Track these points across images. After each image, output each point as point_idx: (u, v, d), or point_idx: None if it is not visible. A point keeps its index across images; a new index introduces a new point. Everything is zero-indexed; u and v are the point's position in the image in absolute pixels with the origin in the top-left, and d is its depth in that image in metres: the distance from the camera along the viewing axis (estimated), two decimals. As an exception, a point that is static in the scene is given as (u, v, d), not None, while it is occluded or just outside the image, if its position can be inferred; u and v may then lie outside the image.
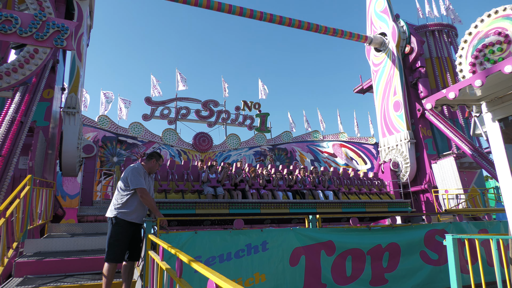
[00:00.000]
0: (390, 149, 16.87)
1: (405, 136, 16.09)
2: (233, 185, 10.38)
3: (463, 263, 6.03)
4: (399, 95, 16.51)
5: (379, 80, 18.04)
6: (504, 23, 4.72)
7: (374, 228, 8.02)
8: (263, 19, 15.03)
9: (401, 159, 16.00)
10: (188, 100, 21.91)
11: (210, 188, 9.89)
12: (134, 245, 4.23)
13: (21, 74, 7.29)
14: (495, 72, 3.88)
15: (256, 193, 10.45)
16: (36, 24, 7.48)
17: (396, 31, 16.61)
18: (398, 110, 16.54)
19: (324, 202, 10.79)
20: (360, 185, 12.59)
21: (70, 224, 8.30)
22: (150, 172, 4.58)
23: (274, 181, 10.99)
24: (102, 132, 18.91)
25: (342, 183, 12.24)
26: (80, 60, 11.35)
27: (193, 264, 2.35)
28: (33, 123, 8.20)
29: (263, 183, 10.86)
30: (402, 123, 16.31)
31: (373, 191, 12.56)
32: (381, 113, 17.73)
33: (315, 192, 11.27)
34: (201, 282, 5.60)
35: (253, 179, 10.83)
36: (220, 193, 9.88)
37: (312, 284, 6.91)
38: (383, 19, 17.59)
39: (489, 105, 4.77)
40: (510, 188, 4.51)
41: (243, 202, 9.84)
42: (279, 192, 10.76)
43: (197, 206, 9.35)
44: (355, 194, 12.12)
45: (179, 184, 9.98)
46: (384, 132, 17.52)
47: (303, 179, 11.54)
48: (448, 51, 17.97)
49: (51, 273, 4.89)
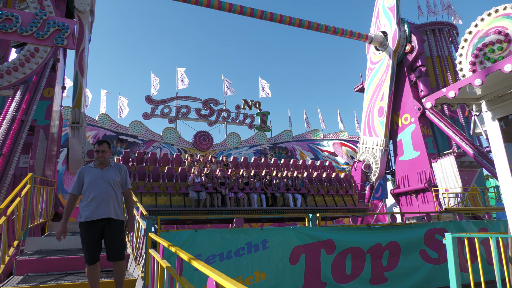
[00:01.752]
0: (366, 149, 17.54)
1: (381, 143, 16.75)
2: (214, 188, 11.63)
3: (463, 262, 6.05)
4: (385, 102, 16.78)
5: (371, 80, 18.20)
6: (504, 22, 4.72)
7: (374, 226, 8.04)
8: (264, 17, 15.01)
9: (373, 161, 16.92)
10: (189, 98, 21.92)
11: (194, 193, 11.18)
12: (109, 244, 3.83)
13: (22, 73, 7.30)
14: (495, 71, 3.89)
15: (234, 197, 11.74)
16: (37, 23, 7.49)
17: (397, 36, 16.54)
18: (381, 116, 16.92)
19: (291, 209, 12.27)
20: (328, 186, 13.94)
21: (71, 223, 8.32)
22: (101, 163, 4.04)
23: (252, 184, 12.26)
24: (103, 131, 18.93)
25: (313, 184, 13.62)
26: (82, 75, 11.41)
27: (193, 262, 2.36)
28: (34, 121, 8.22)
29: (241, 186, 12.12)
30: (382, 130, 16.83)
31: (340, 192, 13.92)
32: (367, 112, 18.13)
33: (286, 195, 12.51)
34: (201, 280, 5.62)
35: (234, 182, 12.08)
36: (202, 198, 11.15)
37: (312, 283, 6.93)
38: (388, 17, 17.49)
39: (489, 104, 4.77)
40: (510, 187, 4.51)
41: (221, 210, 11.26)
42: (254, 195, 11.97)
43: (181, 213, 10.86)
44: (321, 196, 13.61)
45: (168, 187, 11.35)
46: (365, 131, 18.00)
47: (278, 183, 12.78)
48: (448, 49, 17.94)
49: (52, 271, 4.90)
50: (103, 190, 3.87)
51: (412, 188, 15.96)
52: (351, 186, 14.66)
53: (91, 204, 3.81)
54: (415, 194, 16.08)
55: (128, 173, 4.22)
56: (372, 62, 18.38)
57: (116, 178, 4.00)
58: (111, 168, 4.05)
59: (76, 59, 11.29)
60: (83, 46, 11.43)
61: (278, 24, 15.58)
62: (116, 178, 4.00)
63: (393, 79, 16.77)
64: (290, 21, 15.36)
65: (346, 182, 14.62)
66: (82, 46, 11.40)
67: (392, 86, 16.75)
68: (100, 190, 3.86)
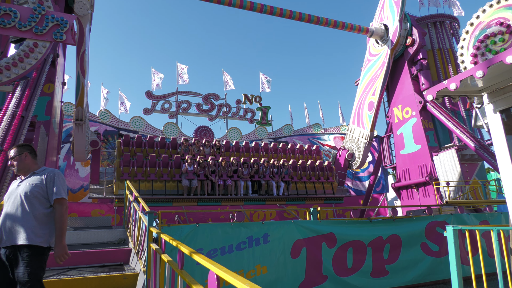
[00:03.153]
0: (352, 137, 17.90)
1: (366, 136, 17.02)
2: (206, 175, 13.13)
3: (464, 255, 6.05)
4: (375, 97, 16.80)
5: (367, 71, 18.24)
6: (506, 13, 4.68)
7: (375, 220, 8.05)
8: (264, 11, 14.92)
9: (356, 151, 17.46)
10: (189, 94, 21.87)
11: (187, 181, 12.63)
12: (14, 279, 2.78)
13: (21, 68, 7.27)
14: (497, 63, 3.86)
15: (223, 184, 13.28)
16: (35, 18, 7.45)
17: (397, 34, 16.38)
18: (371, 110, 16.99)
19: (271, 197, 13.86)
20: (311, 174, 15.62)
21: (73, 218, 8.36)
22: (19, 172, 3.12)
23: (239, 172, 13.74)
24: (103, 126, 18.93)
25: (297, 172, 15.22)
26: (83, 76, 11.58)
27: (194, 256, 2.37)
28: (34, 117, 8.21)
29: (230, 174, 13.59)
30: (369, 123, 16.98)
31: (321, 179, 15.66)
32: (358, 102, 18.27)
33: (270, 182, 14.03)
34: (203, 274, 5.65)
35: (223, 169, 13.44)
36: (194, 185, 12.66)
37: (313, 276, 6.95)
38: (393, 10, 17.28)
39: (491, 96, 4.75)
40: (511, 179, 4.50)
41: (209, 198, 12.90)
42: (241, 182, 13.54)
43: (174, 200, 12.56)
44: (303, 183, 15.24)
45: (164, 173, 12.87)
46: (354, 120, 18.19)
47: (263, 171, 14.16)
48: (450, 42, 17.82)
49: (54, 266, 4.92)
50: (10, 207, 2.91)
51: (413, 182, 15.96)
52: (333, 173, 16.31)
53: None
54: (416, 188, 16.08)
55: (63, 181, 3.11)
56: (370, 53, 18.29)
57: (35, 189, 2.95)
58: (33, 176, 3.06)
59: (77, 60, 11.42)
60: (84, 48, 11.47)
61: (278, 18, 15.49)
62: (35, 189, 2.95)
63: (386, 77, 16.78)
64: (290, 15, 15.27)
65: (328, 170, 16.24)
66: (83, 48, 11.44)
67: (384, 84, 16.79)
68: (8, 208, 2.92)
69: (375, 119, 16.91)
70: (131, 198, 6.08)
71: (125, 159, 12.96)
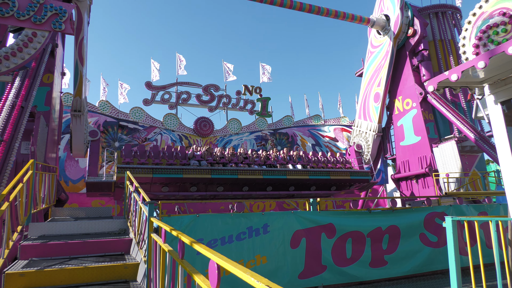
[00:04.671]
0: (360, 132, 17.74)
1: (374, 128, 16.96)
2: (215, 160, 12.23)
3: (462, 245, 6.10)
4: (381, 88, 16.74)
5: (370, 63, 18.12)
6: (509, 4, 4.63)
7: (374, 211, 8.09)
8: (264, 1, 14.78)
9: (365, 145, 17.18)
10: (189, 84, 21.78)
11: (195, 161, 11.69)
12: None
13: (20, 58, 7.23)
14: (499, 54, 3.83)
15: (235, 166, 12.21)
16: (34, 7, 7.38)
17: (399, 22, 16.26)
18: (377, 101, 16.93)
19: (293, 171, 12.44)
20: (326, 162, 14.30)
21: (74, 208, 8.40)
22: None
23: (250, 158, 12.75)
24: (103, 117, 18.89)
25: (310, 161, 13.92)
26: (82, 64, 11.34)
27: (195, 245, 2.38)
28: (34, 108, 8.18)
29: (240, 159, 12.64)
30: (376, 115, 16.95)
31: (338, 166, 14.23)
32: (363, 96, 18.17)
33: (286, 166, 13.02)
34: (203, 263, 5.69)
35: (232, 156, 12.60)
36: (204, 165, 11.73)
37: (313, 266, 7.02)
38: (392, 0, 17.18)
39: (492, 87, 4.73)
40: (510, 171, 4.51)
41: (223, 169, 11.58)
42: (255, 166, 12.49)
43: (184, 171, 11.05)
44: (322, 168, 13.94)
45: (169, 160, 11.78)
46: (360, 114, 18.08)
47: (276, 156, 13.32)
48: (451, 33, 17.67)
49: (56, 255, 4.96)
50: None
51: (413, 173, 15.98)
52: (348, 162, 15.12)
53: None
54: (416, 179, 16.12)
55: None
56: (372, 45, 18.17)
57: None
58: None
59: (75, 48, 11.18)
60: (82, 35, 11.26)
61: (279, 8, 15.35)
62: None
63: (391, 66, 16.67)
64: (291, 5, 15.13)
65: (343, 157, 15.06)
66: (81, 35, 11.23)
67: (390, 73, 16.67)
68: None
69: (382, 110, 16.84)
70: (131, 188, 6.09)
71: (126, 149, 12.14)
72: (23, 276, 4.04)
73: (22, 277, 4.03)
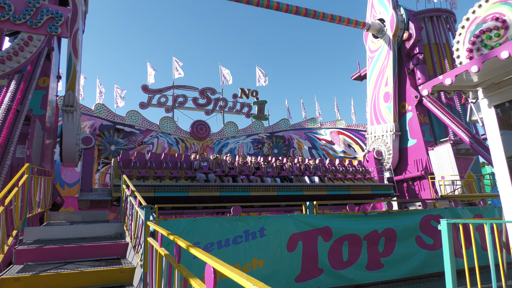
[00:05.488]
0: (376, 138, 17.20)
1: (391, 128, 16.47)
2: (224, 171, 10.80)
3: (458, 248, 6.13)
4: (390, 87, 16.61)
5: (373, 68, 18.04)
6: (502, 8, 4.69)
7: (370, 214, 8.12)
8: (260, 5, 14.85)
9: (385, 149, 16.49)
10: (185, 88, 21.79)
11: (202, 174, 10.33)
12: None
13: (16, 62, 7.21)
14: (492, 58, 3.88)
15: (246, 179, 10.88)
16: (30, 11, 7.37)
17: (395, 20, 16.42)
18: (388, 101, 16.72)
19: (310, 186, 11.24)
20: (345, 172, 13.11)
21: (69, 212, 8.36)
22: None
23: (263, 169, 11.35)
24: (99, 121, 18.83)
25: (328, 170, 12.74)
26: (76, 57, 10.85)
27: (191, 249, 2.39)
28: (30, 111, 8.17)
29: (252, 170, 11.24)
30: (390, 115, 16.63)
31: (357, 177, 13.06)
32: (372, 101, 17.89)
33: (302, 178, 11.72)
34: (199, 267, 5.68)
35: (243, 166, 11.23)
36: (212, 179, 10.30)
37: (309, 269, 7.02)
38: (383, 4, 17.35)
39: (486, 91, 4.78)
40: (504, 173, 4.56)
41: (233, 185, 10.33)
42: (267, 178, 11.15)
43: (190, 189, 9.80)
44: (340, 180, 12.69)
45: (173, 172, 10.44)
46: (373, 120, 17.72)
47: (291, 167, 11.96)
48: (446, 37, 17.83)
49: (51, 260, 4.94)
50: None
51: (409, 176, 16.06)
52: (368, 171, 13.93)
53: None
54: (412, 182, 16.20)
55: None
56: (371, 50, 18.25)
57: None
58: None
59: (69, 40, 10.71)
60: (77, 27, 10.94)
61: (275, 11, 15.42)
62: None
63: (395, 62, 16.53)
64: (287, 9, 15.21)
65: (362, 167, 13.80)
66: (76, 26, 10.89)
67: (395, 70, 16.49)
68: None
69: (395, 107, 16.41)
70: (127, 192, 6.08)
71: (123, 158, 10.58)
72: (18, 281, 4.02)
73: (17, 282, 4.01)
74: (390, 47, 16.66)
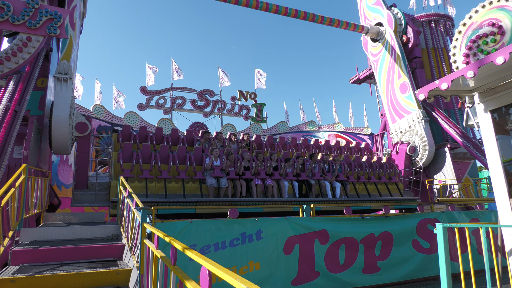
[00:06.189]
0: (402, 133, 16.02)
1: (417, 115, 15.34)
2: (238, 174, 10.04)
3: (455, 251, 6.15)
4: (404, 77, 15.98)
5: (380, 69, 17.66)
6: (498, 14, 4.74)
7: (367, 217, 8.14)
8: (259, 8, 14.89)
9: (418, 139, 15.06)
10: (184, 89, 21.80)
11: (213, 179, 9.54)
12: None
13: (14, 63, 7.22)
14: (487, 63, 3.91)
15: (261, 185, 10.06)
16: (29, 12, 7.38)
17: (392, 18, 16.48)
18: (406, 91, 15.92)
19: (330, 200, 10.61)
20: (370, 172, 12.33)
21: (66, 213, 8.34)
22: None
23: (282, 169, 10.52)
24: (97, 122, 18.81)
25: (352, 170, 11.93)
26: (73, 29, 10.19)
27: (187, 251, 2.40)
28: (27, 112, 8.15)
29: (269, 171, 10.40)
30: (412, 103, 15.66)
31: (382, 179, 12.29)
32: (388, 99, 17.10)
33: (322, 183, 10.87)
34: (195, 270, 5.68)
35: (260, 165, 10.35)
36: (223, 186, 9.53)
37: (306, 272, 7.02)
38: (376, 10, 17.46)
39: (482, 96, 4.82)
40: (500, 178, 4.59)
41: (246, 201, 9.63)
42: (285, 183, 10.38)
43: (197, 205, 9.01)
44: (363, 184, 11.99)
45: (181, 171, 9.52)
46: (394, 117, 16.78)
47: (312, 168, 11.07)
48: (444, 41, 17.93)
49: (47, 261, 4.92)
50: None
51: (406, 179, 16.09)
52: (395, 172, 13.06)
53: None
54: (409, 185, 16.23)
55: None
56: (373, 55, 18.16)
57: None
58: None
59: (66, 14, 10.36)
60: (75, 3, 10.44)
61: (274, 14, 15.47)
62: None
63: (403, 53, 16.28)
64: (286, 12, 15.27)
65: (389, 167, 12.94)
66: (74, 3, 10.41)
67: (405, 59, 16.14)
68: None
69: (415, 95, 15.41)
70: (124, 194, 6.08)
71: (125, 151, 9.55)
72: (14, 282, 4.01)
73: (12, 283, 4.00)
74: (394, 42, 16.46)
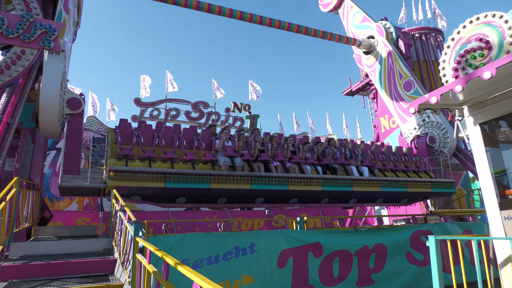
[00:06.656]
0: (416, 130, 15.27)
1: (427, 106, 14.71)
2: (253, 156, 8.92)
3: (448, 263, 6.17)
4: (406, 75, 15.80)
5: (379, 76, 17.49)
6: (485, 30, 4.86)
7: (361, 229, 8.15)
8: (253, 21, 15.03)
9: (436, 130, 14.21)
10: (178, 101, 21.84)
11: (227, 158, 8.39)
12: None
13: (8, 76, 7.21)
14: (475, 78, 4.00)
15: (281, 166, 8.94)
16: (23, 25, 7.41)
17: (382, 27, 16.74)
18: (411, 89, 15.51)
19: (360, 180, 9.44)
20: (395, 161, 11.15)
21: (57, 227, 8.24)
22: None
23: (301, 153, 9.43)
24: (91, 134, 18.72)
25: (376, 158, 10.75)
26: (67, 13, 9.75)
27: (179, 267, 2.39)
28: (20, 124, 8.10)
29: (287, 155, 9.33)
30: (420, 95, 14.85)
31: (410, 168, 11.17)
32: (393, 102, 16.62)
33: (348, 167, 9.77)
34: (188, 285, 5.61)
35: (276, 149, 9.26)
36: (239, 164, 8.36)
37: (300, 286, 6.98)
38: (365, 26, 17.73)
39: (471, 109, 4.91)
40: (490, 191, 4.64)
41: (268, 177, 8.38)
42: (307, 166, 9.24)
43: (212, 179, 7.80)
44: (391, 171, 10.80)
45: (188, 153, 8.28)
46: (403, 118, 16.14)
47: (333, 152, 10.08)
48: (435, 54, 18.24)
49: (37, 276, 4.84)
50: None
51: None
52: (421, 161, 11.87)
53: None
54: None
55: None
56: (369, 66, 18.23)
57: None
58: None
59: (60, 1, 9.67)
60: None
61: (268, 27, 15.64)
62: None
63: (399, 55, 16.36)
64: (279, 25, 15.46)
65: (414, 156, 11.82)
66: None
67: (403, 60, 16.17)
68: None
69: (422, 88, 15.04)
70: (117, 207, 6.03)
71: (124, 131, 8.37)
72: (2, 299, 3.94)
73: (1, 300, 3.93)
74: (389, 47, 16.62)
